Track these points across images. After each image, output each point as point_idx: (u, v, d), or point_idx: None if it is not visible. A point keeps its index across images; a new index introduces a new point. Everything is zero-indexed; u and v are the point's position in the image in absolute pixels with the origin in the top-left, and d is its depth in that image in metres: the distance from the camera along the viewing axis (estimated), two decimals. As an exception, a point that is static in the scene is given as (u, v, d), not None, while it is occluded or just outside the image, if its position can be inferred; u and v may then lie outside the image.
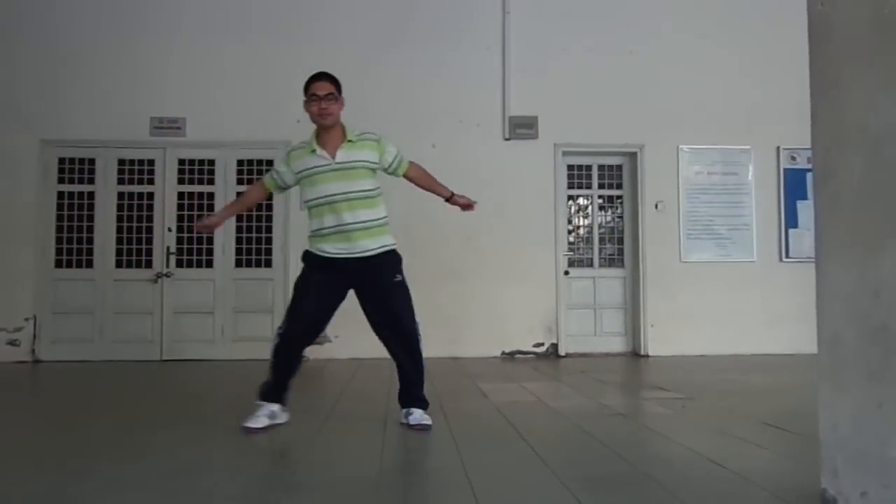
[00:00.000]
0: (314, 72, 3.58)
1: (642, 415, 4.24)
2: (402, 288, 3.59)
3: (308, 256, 3.60)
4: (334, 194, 3.47)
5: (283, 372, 3.57)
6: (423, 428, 3.44)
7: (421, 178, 3.82)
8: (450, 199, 3.85)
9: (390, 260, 3.58)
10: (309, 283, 3.53)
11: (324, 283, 3.49)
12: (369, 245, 3.50)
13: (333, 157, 3.50)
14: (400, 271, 3.60)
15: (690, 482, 2.51)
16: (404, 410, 3.59)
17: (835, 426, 1.77)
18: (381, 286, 3.55)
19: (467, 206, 3.85)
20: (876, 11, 1.60)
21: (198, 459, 2.96)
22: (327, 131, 3.54)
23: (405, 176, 3.76)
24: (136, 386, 5.66)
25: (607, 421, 3.79)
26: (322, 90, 3.49)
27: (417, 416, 3.51)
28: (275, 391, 3.55)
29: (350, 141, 3.55)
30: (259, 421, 3.44)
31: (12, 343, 7.21)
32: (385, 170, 3.67)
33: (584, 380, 5.63)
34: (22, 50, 7.44)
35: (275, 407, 3.53)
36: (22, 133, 7.30)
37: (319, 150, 3.51)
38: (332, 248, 3.50)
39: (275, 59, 7.51)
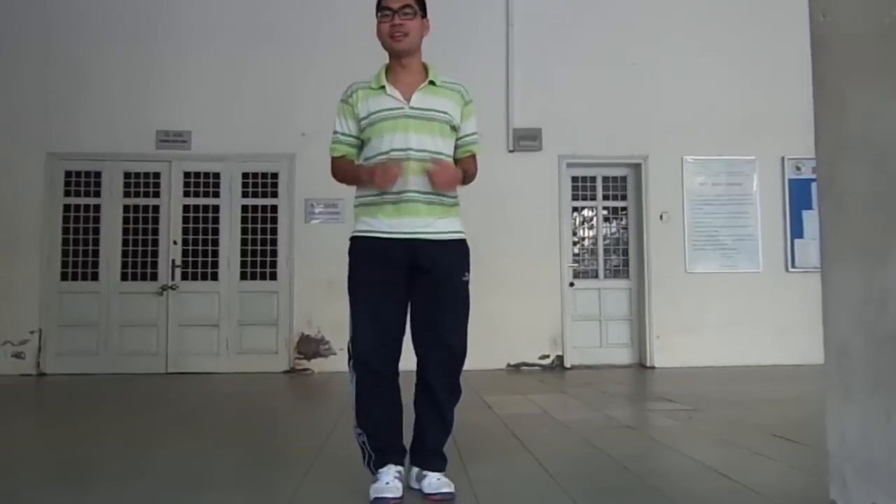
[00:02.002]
0: (316, 83, 2.89)
1: (649, 426, 4.21)
2: (466, 291, 2.66)
3: (355, 247, 2.62)
4: (406, 149, 2.53)
5: (382, 415, 2.56)
6: (445, 499, 2.46)
7: (469, 177, 2.74)
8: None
9: (462, 252, 2.66)
10: (371, 281, 2.56)
11: (388, 274, 2.54)
12: (441, 226, 2.58)
13: (408, 101, 2.59)
14: (468, 268, 2.68)
15: (698, 495, 2.49)
16: (415, 471, 2.58)
17: (843, 437, 1.76)
18: (445, 282, 2.59)
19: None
20: (876, 23, 1.60)
21: (202, 474, 2.96)
22: (402, 64, 2.64)
23: (460, 163, 2.70)
24: (140, 399, 5.65)
25: (614, 433, 3.77)
26: (397, 2, 2.59)
27: (433, 481, 2.51)
28: (385, 449, 2.54)
29: (433, 83, 2.64)
30: (392, 489, 2.44)
31: (17, 356, 7.22)
32: (454, 136, 2.68)
33: (590, 392, 5.61)
34: (29, 64, 7.49)
35: (395, 471, 2.52)
36: (28, 146, 7.33)
37: (390, 89, 2.61)
38: (388, 225, 2.53)
39: (279, 73, 7.55)
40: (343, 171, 2.69)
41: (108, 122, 7.45)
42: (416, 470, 2.58)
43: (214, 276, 7.49)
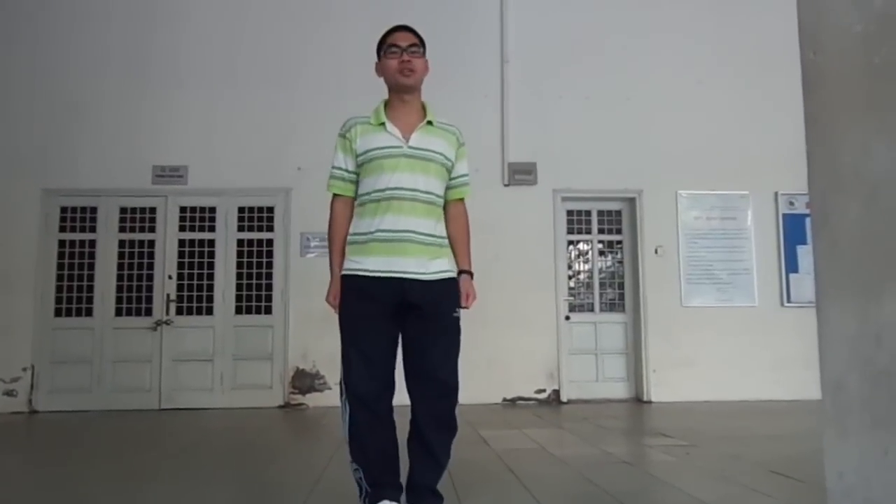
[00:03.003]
0: (312, 117, 2.99)
1: (646, 462, 4.18)
2: (457, 328, 2.65)
3: (345, 285, 2.61)
4: (402, 188, 2.55)
5: (376, 451, 2.54)
6: None
7: (462, 221, 2.80)
8: (464, 273, 2.77)
9: (453, 290, 2.65)
10: (362, 317, 2.55)
11: (378, 311, 2.55)
12: (433, 267, 2.58)
13: (407, 140, 2.61)
14: (459, 304, 2.67)
15: (696, 532, 2.47)
16: None
17: (841, 474, 1.75)
18: (436, 319, 2.58)
19: (469, 294, 2.74)
20: (867, 60, 1.63)
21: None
22: (403, 102, 2.68)
23: (452, 204, 2.77)
24: (133, 436, 5.59)
25: (611, 468, 3.74)
26: (404, 40, 2.67)
27: None
28: (386, 486, 2.54)
29: (430, 123, 2.67)
30: None
31: (9, 394, 7.15)
32: (448, 176, 2.74)
33: (587, 426, 5.57)
34: (24, 100, 7.54)
35: None
36: (24, 182, 7.35)
37: (390, 126, 2.63)
38: (377, 264, 2.53)
39: (275, 107, 7.61)
40: (338, 223, 2.69)
41: (103, 157, 7.48)
42: None
43: (209, 311, 7.46)
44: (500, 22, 7.90)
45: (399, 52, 2.65)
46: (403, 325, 2.59)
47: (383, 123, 2.63)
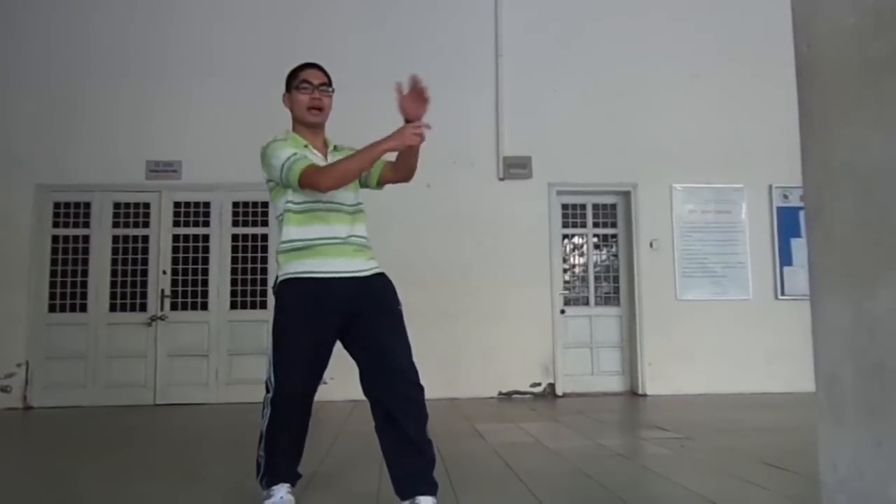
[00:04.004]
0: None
1: (641, 455, 4.19)
2: (402, 320, 2.74)
3: (285, 287, 2.70)
4: (327, 202, 2.69)
5: (292, 442, 2.73)
6: None
7: (351, 167, 2.67)
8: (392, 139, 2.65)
9: (389, 284, 2.77)
10: (295, 317, 2.65)
11: (312, 310, 2.62)
12: (368, 265, 2.73)
13: (326, 159, 2.79)
14: (398, 300, 2.77)
15: (691, 524, 2.48)
16: (406, 503, 2.55)
17: (835, 465, 1.75)
18: (384, 314, 2.68)
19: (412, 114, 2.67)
20: (860, 54, 1.63)
21: (191, 506, 2.92)
22: (313, 132, 2.84)
23: (380, 182, 2.93)
24: (128, 432, 5.59)
25: (606, 461, 3.75)
26: (316, 78, 2.86)
27: None
28: (286, 471, 2.74)
29: (336, 148, 2.88)
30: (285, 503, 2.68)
31: (3, 390, 7.13)
32: (361, 182, 2.87)
33: (582, 420, 5.58)
34: (17, 95, 7.50)
35: (287, 488, 2.73)
36: (17, 178, 7.32)
37: (312, 149, 2.78)
38: (323, 266, 2.65)
39: (269, 101, 7.52)
40: (344, 164, 2.67)
41: (97, 152, 7.45)
42: (407, 502, 2.52)
43: (204, 306, 7.45)
44: (495, 16, 7.88)
45: (310, 88, 2.83)
46: (352, 332, 2.67)
47: (307, 146, 2.77)
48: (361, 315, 2.65)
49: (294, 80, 2.90)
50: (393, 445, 2.58)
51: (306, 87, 2.84)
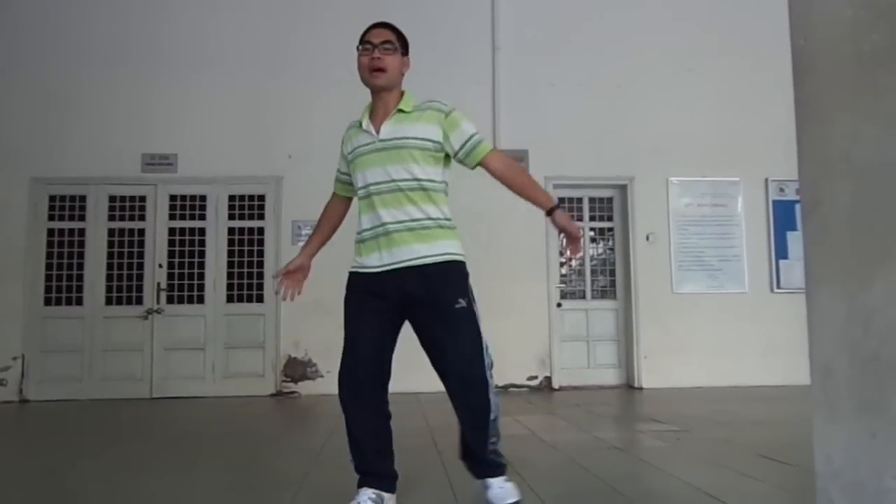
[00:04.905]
0: (303, 105, 3.02)
1: (637, 448, 4.21)
2: (467, 317, 2.56)
3: (349, 278, 2.65)
4: (376, 182, 2.55)
5: (361, 434, 2.53)
6: None
7: (510, 174, 2.78)
8: (551, 212, 2.71)
9: (451, 276, 2.57)
10: (354, 307, 2.58)
11: (370, 303, 2.54)
12: (418, 251, 2.51)
13: (378, 133, 2.60)
14: (465, 293, 2.59)
15: (687, 516, 2.49)
16: (478, 483, 2.65)
17: (829, 457, 1.76)
18: (437, 312, 2.53)
19: (573, 235, 2.66)
20: (856, 46, 1.63)
21: (187, 500, 2.92)
22: (381, 98, 2.65)
23: (485, 167, 2.74)
24: (124, 425, 5.59)
25: (602, 454, 3.76)
26: (378, 37, 2.62)
27: (496, 490, 2.56)
28: (364, 472, 2.54)
29: (402, 111, 2.62)
30: None
31: None
32: (455, 155, 2.67)
33: (579, 413, 5.60)
34: (12, 88, 7.47)
35: (371, 493, 2.49)
36: (12, 171, 7.30)
37: (366, 124, 2.63)
38: (370, 260, 2.56)
39: (265, 95, 7.57)
40: (323, 215, 2.91)
41: (92, 145, 7.43)
42: (478, 483, 2.62)
43: (200, 300, 7.45)
44: (492, 9, 7.86)
45: (371, 48, 2.60)
46: (413, 325, 2.58)
47: (361, 124, 2.65)
48: (416, 309, 2.55)
49: (359, 43, 2.68)
50: (462, 432, 2.64)
51: (367, 47, 2.62)
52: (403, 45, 2.69)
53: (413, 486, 3.11)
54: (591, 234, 8.09)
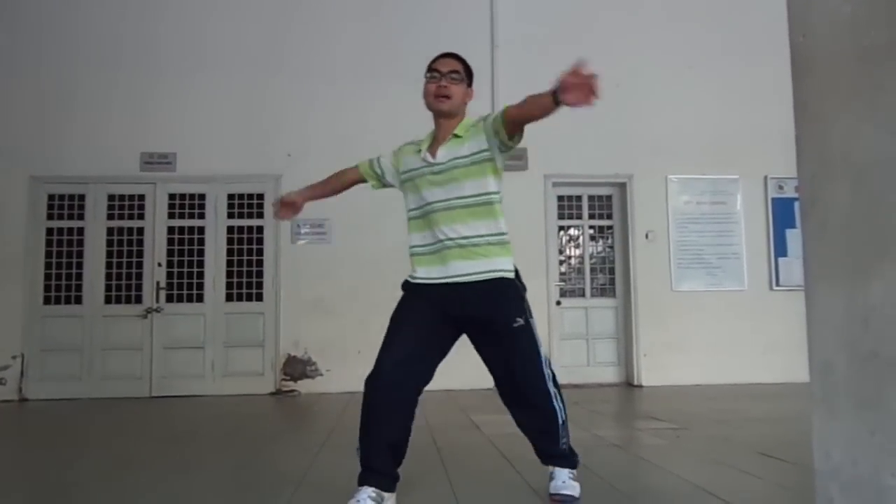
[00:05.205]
0: (302, 104, 3.08)
1: (636, 445, 4.21)
2: (525, 335, 2.63)
3: (405, 284, 2.76)
4: (430, 203, 2.67)
5: (378, 428, 2.53)
6: (564, 500, 2.61)
7: (523, 110, 2.69)
8: (555, 95, 2.53)
9: (505, 294, 2.65)
10: (403, 309, 2.68)
11: (421, 310, 2.63)
12: (467, 268, 2.60)
13: (434, 157, 2.71)
14: (522, 311, 2.65)
15: (686, 514, 2.49)
16: (548, 471, 2.77)
17: (828, 455, 1.76)
18: (495, 332, 2.62)
19: (580, 84, 2.47)
20: (855, 44, 1.63)
21: (186, 499, 2.92)
22: (441, 125, 2.77)
23: (510, 122, 2.68)
24: (124, 424, 5.59)
25: (602, 452, 3.76)
26: (445, 66, 2.77)
27: (559, 483, 2.66)
28: (370, 469, 2.52)
29: (457, 136, 2.72)
30: None
31: (-1, 381, 7.14)
32: (498, 138, 2.68)
33: (578, 410, 5.60)
34: (11, 87, 7.46)
35: (370, 492, 2.47)
36: (11, 170, 7.29)
37: (424, 151, 2.76)
38: (424, 272, 2.68)
39: (264, 94, 7.57)
40: (339, 172, 3.05)
41: (91, 144, 7.42)
42: (548, 471, 2.75)
43: (200, 298, 7.44)
44: (491, 7, 7.86)
45: (438, 77, 2.74)
46: (469, 335, 2.69)
47: (420, 150, 2.77)
48: (471, 326, 2.67)
49: (427, 72, 2.82)
50: (522, 427, 2.79)
51: (434, 75, 2.77)
52: (469, 76, 2.86)
53: (413, 485, 3.11)
54: (591, 232, 8.09)
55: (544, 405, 2.65)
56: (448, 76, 2.73)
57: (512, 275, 2.69)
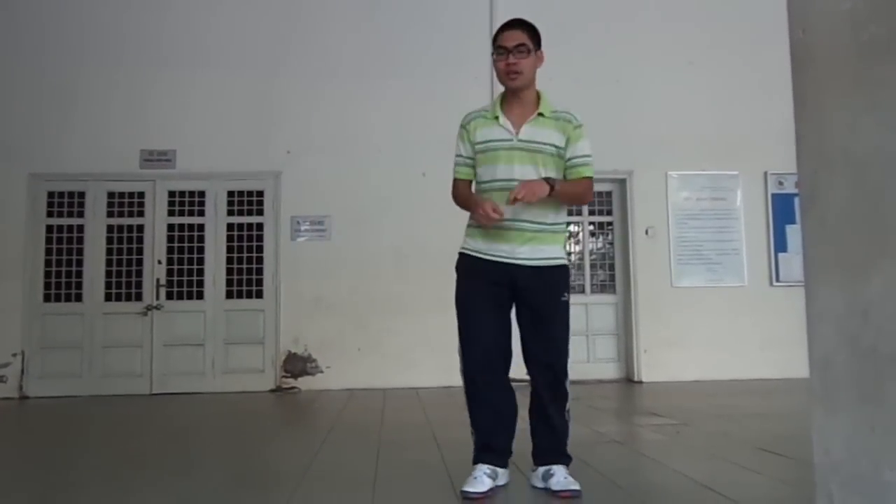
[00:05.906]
0: (301, 101, 3.09)
1: (637, 441, 4.21)
2: (564, 310, 2.93)
3: (460, 263, 2.88)
4: (504, 179, 2.73)
5: (488, 419, 2.83)
6: (572, 495, 2.67)
7: (580, 199, 3.17)
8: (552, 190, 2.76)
9: (560, 278, 2.89)
10: (469, 294, 2.81)
11: (485, 288, 2.78)
12: (537, 253, 2.79)
13: (517, 132, 2.77)
14: (567, 289, 2.93)
15: (686, 509, 2.49)
16: (541, 470, 2.82)
17: (828, 450, 1.76)
18: (544, 307, 2.84)
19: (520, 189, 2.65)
20: (855, 38, 1.62)
21: (187, 496, 2.92)
22: (517, 96, 2.82)
23: (568, 183, 2.87)
24: (124, 421, 5.60)
25: (602, 448, 3.76)
26: (511, 41, 2.79)
27: (560, 479, 2.74)
28: (486, 447, 2.80)
29: (542, 115, 2.79)
30: (478, 484, 2.68)
31: (-1, 379, 7.14)
32: (566, 161, 2.86)
33: (578, 407, 5.57)
34: (11, 84, 7.45)
35: (486, 468, 2.75)
36: (11, 167, 7.28)
37: (503, 119, 2.79)
38: (489, 248, 2.78)
39: (264, 90, 7.56)
40: (463, 196, 2.93)
41: (90, 141, 7.41)
42: (541, 470, 2.80)
43: (200, 296, 7.44)
44: (490, 6, 7.83)
45: (505, 53, 2.78)
46: (516, 306, 2.85)
47: (497, 117, 2.79)
48: (524, 301, 2.84)
49: (494, 44, 2.87)
50: (534, 418, 2.93)
51: (501, 52, 2.81)
52: (536, 41, 2.88)
53: (412, 479, 3.11)
54: (591, 228, 8.08)
55: (563, 389, 3.00)
56: (515, 52, 2.76)
57: (566, 261, 2.94)
